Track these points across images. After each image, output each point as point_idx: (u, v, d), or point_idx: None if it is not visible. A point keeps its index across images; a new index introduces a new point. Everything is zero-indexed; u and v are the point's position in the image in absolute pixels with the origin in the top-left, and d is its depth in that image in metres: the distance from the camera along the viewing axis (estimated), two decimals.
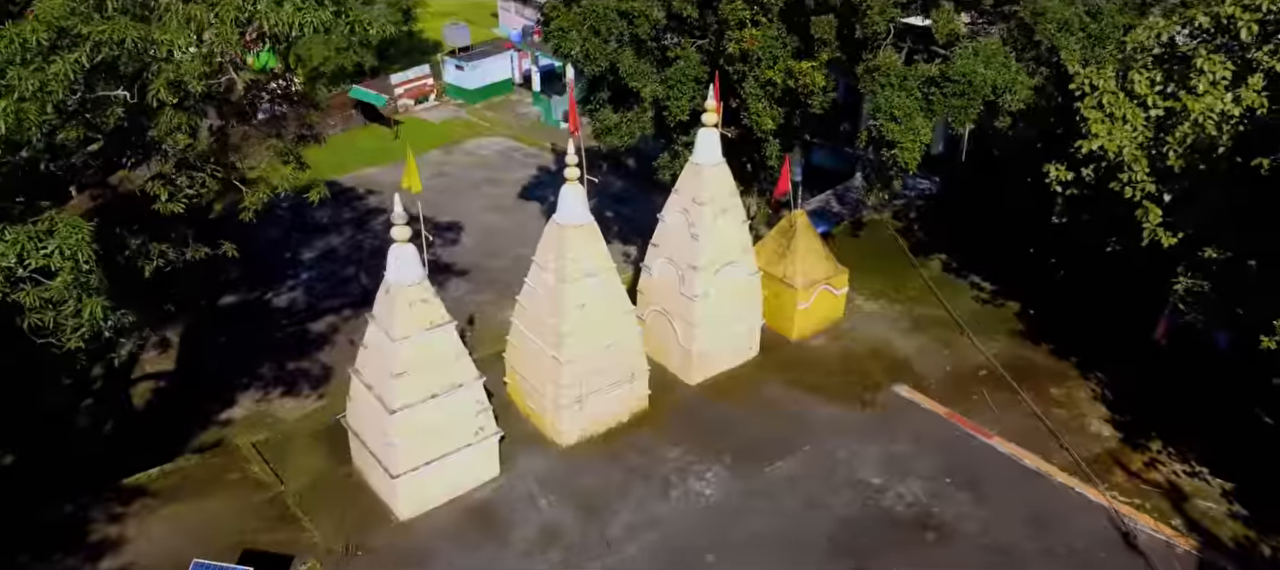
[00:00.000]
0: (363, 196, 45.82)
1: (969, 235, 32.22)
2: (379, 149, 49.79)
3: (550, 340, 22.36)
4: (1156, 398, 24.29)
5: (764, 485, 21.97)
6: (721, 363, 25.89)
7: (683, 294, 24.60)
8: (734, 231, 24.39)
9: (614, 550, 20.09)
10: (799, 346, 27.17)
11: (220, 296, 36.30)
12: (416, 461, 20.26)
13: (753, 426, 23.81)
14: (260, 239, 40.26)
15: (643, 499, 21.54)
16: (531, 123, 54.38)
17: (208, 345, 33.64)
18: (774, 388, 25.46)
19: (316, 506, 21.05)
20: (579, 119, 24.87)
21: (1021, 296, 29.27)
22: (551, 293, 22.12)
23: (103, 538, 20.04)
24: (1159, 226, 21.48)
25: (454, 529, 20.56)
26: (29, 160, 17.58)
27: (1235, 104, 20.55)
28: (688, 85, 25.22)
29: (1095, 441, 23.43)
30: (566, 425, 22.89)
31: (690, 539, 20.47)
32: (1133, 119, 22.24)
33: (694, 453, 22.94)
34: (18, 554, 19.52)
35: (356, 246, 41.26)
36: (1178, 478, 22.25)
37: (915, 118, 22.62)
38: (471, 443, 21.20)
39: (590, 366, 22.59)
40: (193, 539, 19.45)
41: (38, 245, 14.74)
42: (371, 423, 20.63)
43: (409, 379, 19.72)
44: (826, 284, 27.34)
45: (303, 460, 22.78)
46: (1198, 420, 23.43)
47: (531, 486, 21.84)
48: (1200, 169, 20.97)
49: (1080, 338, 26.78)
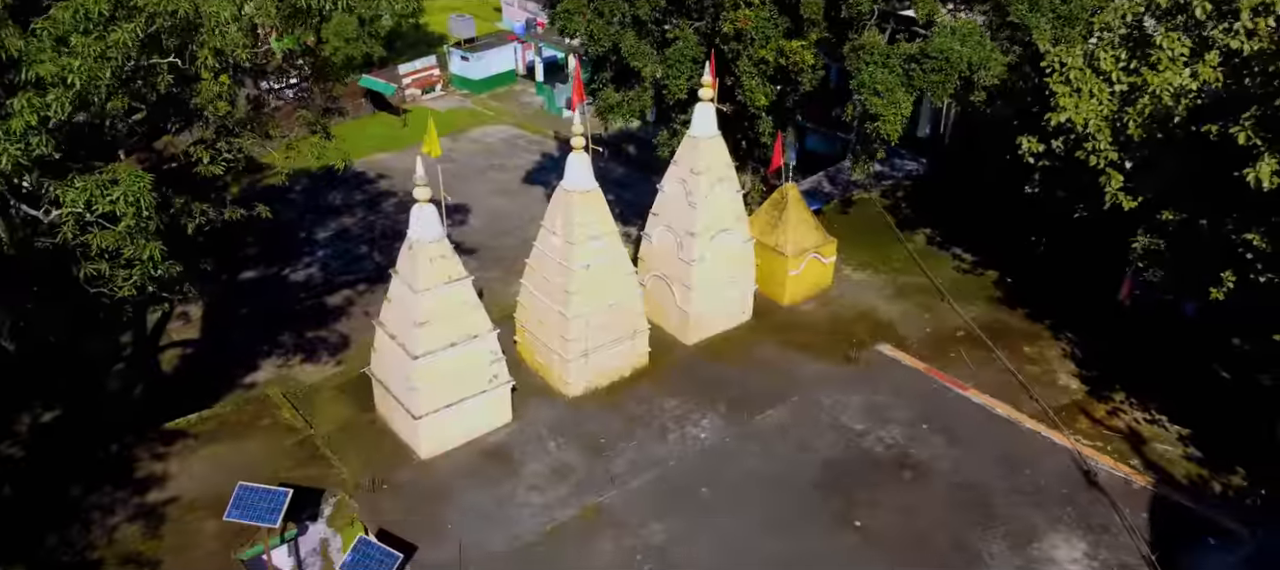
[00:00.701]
0: (374, 180, 47.64)
1: (952, 211, 34.06)
2: (388, 136, 51.51)
3: (558, 298, 24.16)
4: (1121, 354, 26.13)
5: (755, 431, 23.78)
6: (717, 325, 27.67)
7: (681, 259, 26.39)
8: (729, 200, 26.18)
9: (618, 485, 21.88)
10: (790, 311, 28.97)
11: (240, 272, 38.09)
12: (437, 404, 22.04)
13: (745, 380, 25.62)
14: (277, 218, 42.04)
15: (643, 442, 23.33)
16: (535, 111, 56.14)
17: (230, 316, 35.44)
18: (766, 347, 27.26)
19: (344, 448, 22.84)
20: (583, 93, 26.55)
21: (999, 266, 31.10)
22: (559, 254, 23.92)
23: (148, 474, 21.83)
24: (1120, 191, 23.37)
25: (471, 466, 22.35)
26: (87, 123, 19.32)
27: (1192, 78, 22.43)
28: (685, 65, 27.06)
29: (1063, 393, 25.26)
30: (573, 377, 24.69)
31: (687, 476, 22.27)
32: (1098, 93, 24.13)
33: (690, 403, 24.74)
34: (70, 487, 21.28)
35: (369, 227, 43.07)
36: (1138, 425, 24.09)
37: (897, 92, 24.46)
38: (486, 389, 22.99)
39: (595, 323, 24.38)
40: (231, 475, 21.15)
41: (104, 193, 16.51)
42: (395, 370, 22.43)
43: (430, 328, 21.52)
44: (816, 253, 29.15)
45: (329, 409, 24.58)
46: (1159, 375, 25.25)
47: (541, 431, 23.64)
48: (1158, 138, 22.80)
49: (1053, 301, 28.64)
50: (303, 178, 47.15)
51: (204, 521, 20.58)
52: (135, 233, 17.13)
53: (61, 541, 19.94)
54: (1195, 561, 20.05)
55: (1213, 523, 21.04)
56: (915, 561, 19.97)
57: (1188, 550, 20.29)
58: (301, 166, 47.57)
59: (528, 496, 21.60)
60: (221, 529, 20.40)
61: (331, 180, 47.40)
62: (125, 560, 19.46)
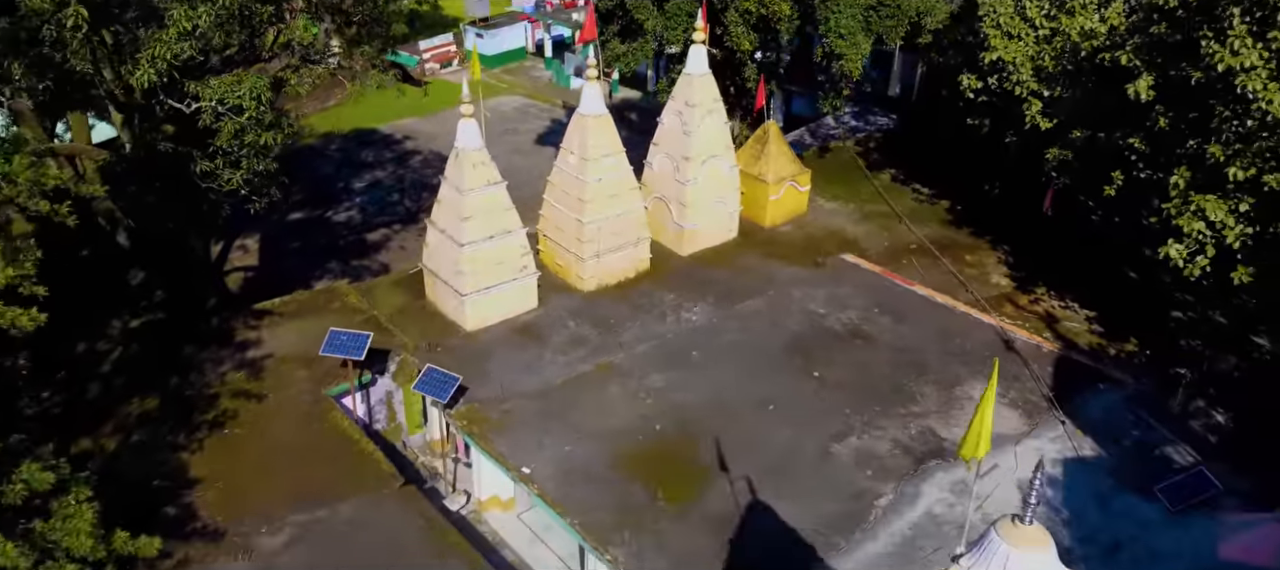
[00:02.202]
0: (401, 141, 52.89)
1: (915, 156, 39.21)
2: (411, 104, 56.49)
3: (575, 208, 29.24)
4: (1045, 257, 31.27)
5: (737, 314, 28.91)
6: (708, 240, 32.75)
7: (676, 180, 31.49)
8: (718, 130, 31.27)
9: (625, 349, 26.98)
10: (770, 231, 34.07)
11: (289, 214, 43.26)
12: (479, 285, 27.14)
13: (730, 280, 30.73)
14: (317, 172, 47.45)
15: (645, 322, 28.43)
16: (544, 83, 61.33)
17: (281, 249, 40.65)
18: (749, 257, 32.37)
19: (403, 323, 27.92)
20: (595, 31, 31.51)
21: (951, 197, 36.25)
22: (576, 170, 29.02)
23: (246, 339, 26.93)
24: (1039, 115, 28.53)
25: (506, 337, 27.44)
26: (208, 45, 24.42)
27: (1101, 22, 27.65)
28: (681, 18, 32.22)
29: (994, 288, 30.44)
30: (588, 274, 29.78)
31: (681, 345, 27.37)
32: (1025, 36, 29.35)
33: (684, 295, 29.84)
34: (183, 348, 26.38)
35: (399, 178, 48.36)
36: (1053, 309, 29.27)
37: (857, 35, 29.65)
38: (517, 277, 28.09)
39: (606, 229, 29.47)
40: (313, 341, 26.19)
41: (232, 89, 21.62)
42: (445, 258, 27.52)
43: (474, 221, 26.62)
44: (793, 181, 34.28)
45: (387, 297, 29.65)
46: (1075, 273, 30.39)
47: (562, 314, 28.73)
48: (1068, 70, 28.00)
49: (993, 220, 33.79)
50: (336, 138, 52.48)
51: (296, 370, 25.71)
52: (254, 123, 22.21)
53: (183, 382, 25.04)
54: (1086, 400, 25.20)
55: (1104, 374, 26.23)
56: (861, 399, 25.11)
57: (1081, 393, 25.45)
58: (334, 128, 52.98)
59: (553, 357, 26.69)
60: (311, 374, 25.58)
61: (362, 140, 52.72)
62: (236, 394, 24.57)
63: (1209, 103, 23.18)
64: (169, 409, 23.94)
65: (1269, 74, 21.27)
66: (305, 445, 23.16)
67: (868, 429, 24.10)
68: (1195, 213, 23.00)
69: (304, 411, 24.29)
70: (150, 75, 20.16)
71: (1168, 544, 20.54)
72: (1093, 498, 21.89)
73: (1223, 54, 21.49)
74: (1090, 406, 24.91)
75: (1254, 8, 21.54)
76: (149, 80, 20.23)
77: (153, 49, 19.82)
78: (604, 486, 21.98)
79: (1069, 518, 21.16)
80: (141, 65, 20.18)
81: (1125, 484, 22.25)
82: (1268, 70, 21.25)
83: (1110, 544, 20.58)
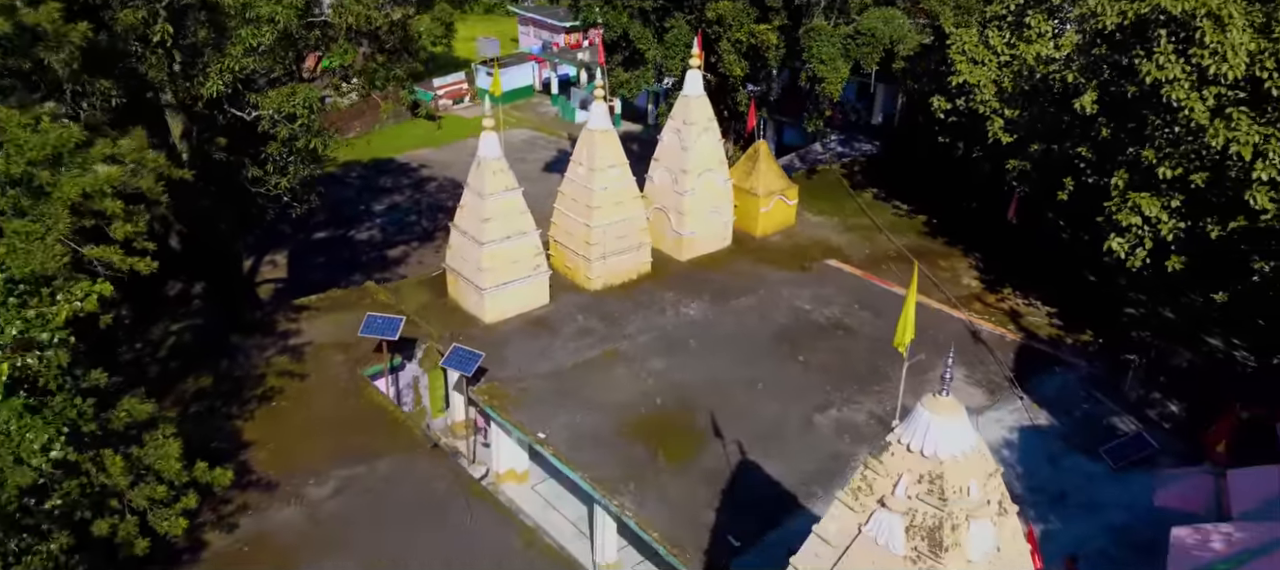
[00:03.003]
0: (416, 169, 56.23)
1: (896, 177, 42.41)
2: (426, 136, 60.00)
3: (583, 214, 32.31)
4: (1011, 261, 34.30)
5: (730, 309, 31.88)
6: (704, 247, 35.80)
7: (675, 191, 34.60)
8: (712, 147, 34.44)
9: (629, 339, 29.92)
10: (761, 240, 37.13)
11: (313, 234, 46.42)
12: (498, 281, 30.12)
13: (725, 281, 33.73)
14: (339, 196, 50.67)
15: (647, 316, 31.38)
16: (551, 118, 64.81)
17: (308, 264, 43.71)
18: (742, 262, 35.40)
19: (428, 317, 30.84)
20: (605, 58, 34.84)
21: (928, 212, 39.36)
22: (584, 179, 32.13)
23: (286, 329, 29.86)
24: (1001, 130, 31.71)
25: (522, 329, 30.37)
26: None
27: (1057, 49, 30.91)
28: (680, 48, 35.53)
29: (965, 289, 33.45)
30: (595, 274, 32.78)
31: (679, 335, 30.31)
32: (988, 62, 32.61)
33: (683, 294, 32.81)
34: (230, 336, 29.30)
35: (416, 202, 51.59)
36: (1017, 306, 32.27)
37: (837, 60, 32.94)
38: (531, 275, 31.09)
39: (611, 233, 32.51)
40: (348, 331, 29.12)
41: (288, 99, 24.78)
42: (467, 257, 30.52)
43: (493, 223, 29.66)
44: (782, 195, 37.42)
45: (413, 295, 32.61)
46: (1039, 274, 33.40)
47: (572, 309, 31.68)
48: (1025, 90, 31.24)
49: (964, 230, 36.87)
50: (356, 167, 55.76)
51: (334, 355, 28.64)
52: (304, 129, 25.35)
53: (232, 364, 27.94)
54: (1043, 380, 28.10)
55: (1060, 359, 29.16)
56: (841, 379, 28.01)
57: (1039, 374, 28.36)
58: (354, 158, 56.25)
59: (564, 345, 29.62)
60: (347, 358, 28.51)
61: (380, 169, 56.05)
62: (280, 374, 27.45)
63: (1143, 113, 26.35)
64: (221, 385, 26.82)
65: (1190, 85, 24.43)
66: (344, 415, 26.03)
67: (846, 403, 26.98)
68: (1132, 209, 26.10)
69: (342, 388, 27.19)
70: (219, 85, 23.29)
71: (1108, 495, 23.35)
72: (1044, 458, 24.74)
73: (1150, 69, 24.66)
74: (1046, 385, 27.82)
75: (1178, 29, 24.74)
76: (217, 90, 23.34)
77: (222, 62, 22.96)
78: (611, 448, 24.82)
79: (1021, 472, 24.00)
80: (211, 77, 23.33)
81: (1074, 447, 25.11)
82: (1189, 82, 24.40)
83: (1057, 493, 23.41)
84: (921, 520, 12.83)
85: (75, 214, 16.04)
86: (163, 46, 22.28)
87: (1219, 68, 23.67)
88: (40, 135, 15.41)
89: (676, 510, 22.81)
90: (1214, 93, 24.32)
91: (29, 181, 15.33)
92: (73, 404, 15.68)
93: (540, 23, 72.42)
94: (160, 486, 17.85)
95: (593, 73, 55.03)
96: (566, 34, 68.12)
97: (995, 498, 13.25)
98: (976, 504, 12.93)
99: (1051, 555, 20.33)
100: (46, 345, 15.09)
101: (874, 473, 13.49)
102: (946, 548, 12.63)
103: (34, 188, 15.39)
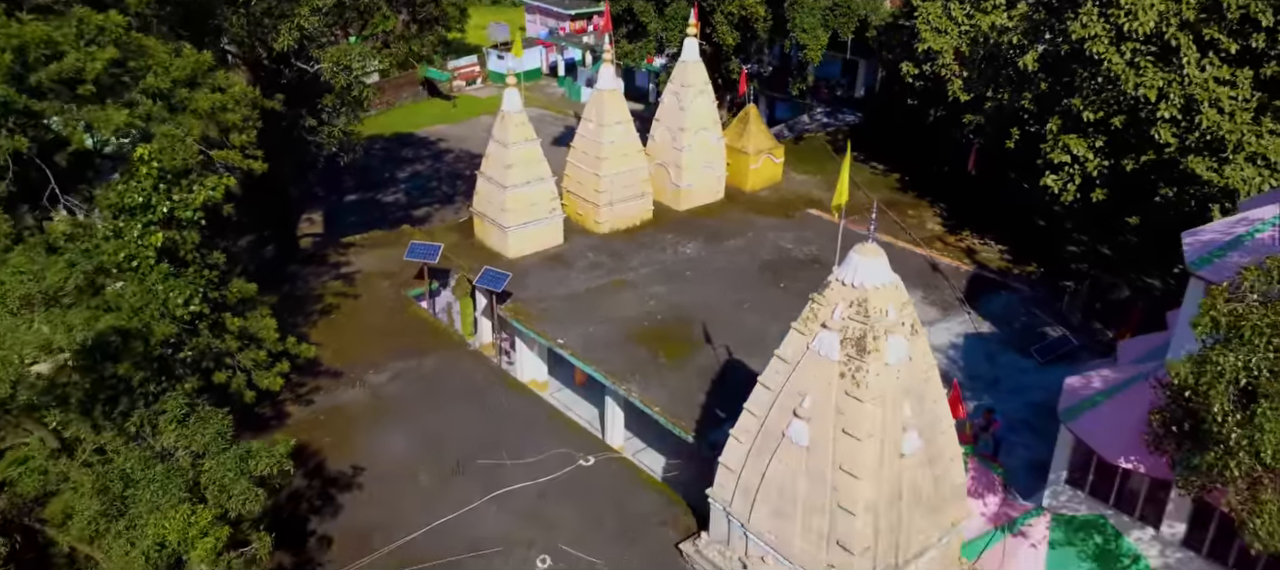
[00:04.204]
0: (435, 142, 60.71)
1: (874, 143, 46.95)
2: (442, 114, 64.57)
3: (593, 165, 36.83)
4: (970, 208, 38.88)
5: (722, 248, 36.44)
6: (701, 198, 40.33)
7: (674, 148, 39.13)
8: (707, 107, 38.97)
9: (633, 271, 34.47)
10: (751, 194, 41.67)
11: (344, 196, 50.95)
12: (519, 221, 34.65)
13: (718, 226, 38.29)
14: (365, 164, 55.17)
15: (649, 253, 35.93)
16: (558, 98, 69.29)
17: (342, 221, 48.23)
18: (733, 212, 39.96)
19: (459, 253, 35.38)
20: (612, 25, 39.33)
21: (901, 171, 43.93)
22: (594, 134, 36.66)
23: (336, 261, 34.46)
24: (960, 90, 36.27)
25: (540, 263, 34.90)
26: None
27: (1009, 19, 35.41)
28: (678, 21, 40.10)
29: (928, 231, 38.03)
30: (603, 218, 37.32)
31: (678, 268, 34.86)
32: (950, 31, 37.14)
33: (680, 236, 37.36)
34: (288, 265, 33.89)
35: (436, 171, 56.08)
36: (973, 245, 36.84)
37: (817, 29, 37.51)
38: (547, 217, 35.61)
39: (617, 182, 37.03)
40: (391, 262, 33.67)
41: (346, 53, 29.33)
42: (492, 199, 35.05)
43: (515, 169, 34.19)
44: (769, 154, 41.97)
45: (444, 236, 37.08)
46: (995, 218, 37.98)
47: (583, 248, 36.22)
48: (981, 54, 35.80)
49: (931, 184, 41.45)
50: (379, 140, 60.31)
51: (380, 280, 33.23)
52: (358, 82, 29.89)
53: (292, 286, 32.51)
54: (990, 300, 32.67)
55: (1006, 285, 33.72)
56: None
57: (986, 296, 32.92)
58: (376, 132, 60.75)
59: (577, 275, 34.16)
60: (392, 283, 33.09)
61: (402, 142, 60.59)
62: (336, 294, 32.04)
63: (1073, 67, 30.89)
64: (285, 304, 31.37)
65: (1109, 41, 28.96)
66: (393, 325, 30.63)
67: None
68: (1063, 149, 30.65)
69: (390, 305, 31.80)
70: (289, 41, 27.85)
71: (1033, 381, 27.92)
72: (984, 356, 29.32)
73: (1077, 27, 29.20)
74: (992, 304, 32.41)
75: None
76: (288, 44, 27.90)
77: (294, 20, 27.53)
78: (619, 350, 29.35)
79: (963, 366, 28.57)
80: (282, 32, 27.88)
81: (1009, 347, 29.72)
82: (1108, 38, 28.93)
83: (992, 380, 28.02)
84: (851, 334, 17.46)
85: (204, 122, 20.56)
86: (245, 5, 26.78)
87: (1132, 25, 28.15)
88: (182, 60, 19.93)
89: (674, 395, 27.34)
90: (1130, 48, 28.83)
91: (171, 96, 19.83)
92: (202, 274, 20.23)
93: (546, 11, 76.91)
94: (261, 351, 22.37)
95: (597, 55, 59.59)
96: (571, 21, 72.64)
97: (908, 320, 17.89)
98: (893, 323, 17.56)
99: (977, 414, 24.92)
100: (185, 224, 19.64)
101: (818, 305, 18.12)
102: (869, 352, 17.25)
103: (175, 102, 19.90)
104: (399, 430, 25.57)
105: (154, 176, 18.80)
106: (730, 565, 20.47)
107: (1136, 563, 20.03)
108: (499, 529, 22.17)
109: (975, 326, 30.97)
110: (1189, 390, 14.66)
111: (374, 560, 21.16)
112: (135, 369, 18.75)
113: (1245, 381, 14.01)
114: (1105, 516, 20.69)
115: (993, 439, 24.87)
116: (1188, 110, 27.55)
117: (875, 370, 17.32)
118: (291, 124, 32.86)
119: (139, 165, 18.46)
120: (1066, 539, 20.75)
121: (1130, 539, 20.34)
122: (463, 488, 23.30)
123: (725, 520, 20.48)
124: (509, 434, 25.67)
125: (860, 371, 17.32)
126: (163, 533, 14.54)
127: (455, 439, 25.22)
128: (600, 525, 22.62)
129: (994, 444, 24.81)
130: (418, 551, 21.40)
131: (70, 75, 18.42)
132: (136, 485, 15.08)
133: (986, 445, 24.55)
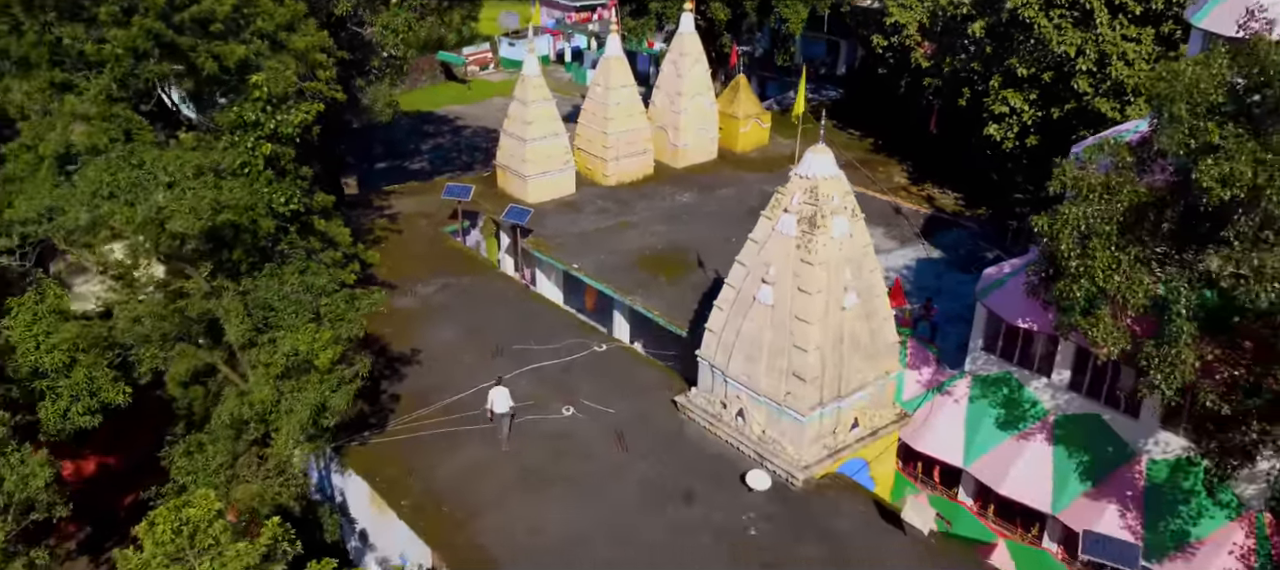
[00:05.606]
0: (453, 120, 66.14)
1: (854, 114, 52.45)
2: (457, 96, 70.00)
3: (600, 123, 42.22)
4: (932, 164, 44.30)
5: (713, 197, 41.84)
6: (696, 157, 45.70)
7: (672, 111, 44.52)
8: (702, 75, 44.36)
9: (637, 214, 39.87)
10: (741, 155, 47.08)
11: (374, 164, 56.36)
12: (538, 170, 40.03)
13: (711, 180, 43.69)
14: (390, 137, 60.59)
15: (649, 201, 41.32)
16: (565, 82, 74.62)
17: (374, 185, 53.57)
18: (725, 169, 45.36)
19: (484, 200, 40.78)
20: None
21: (875, 135, 49.38)
22: (602, 96, 42.06)
23: (380, 205, 39.88)
24: (921, 57, 41.72)
25: (556, 208, 40.29)
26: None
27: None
28: (677, 1, 45.53)
29: (894, 184, 43.46)
30: (609, 172, 42.70)
31: (673, 211, 40.26)
32: (915, 7, 42.59)
33: (678, 188, 42.75)
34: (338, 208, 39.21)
35: (456, 143, 61.52)
36: (933, 194, 42.26)
37: (797, 4, 42.89)
38: (562, 169, 41.01)
39: (623, 138, 42.42)
40: (428, 206, 39.00)
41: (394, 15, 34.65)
42: (514, 152, 40.42)
43: (534, 125, 39.58)
44: (757, 119, 47.40)
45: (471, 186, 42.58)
46: (952, 171, 43.40)
47: (592, 197, 41.62)
48: (939, 27, 41.26)
49: (900, 144, 46.90)
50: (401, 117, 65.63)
51: (419, 220, 38.65)
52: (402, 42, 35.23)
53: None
54: (942, 235, 38.09)
55: (958, 224, 39.14)
56: None
57: (939, 231, 38.34)
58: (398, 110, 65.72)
59: (588, 218, 39.55)
60: (430, 223, 38.50)
61: (423, 120, 66.05)
62: (382, 229, 37.45)
63: (1011, 32, 36.32)
64: None
65: (1038, 6, 34.36)
66: (434, 253, 36.06)
67: None
68: (1002, 102, 36.07)
69: (429, 239, 37.23)
70: (347, 6, 33.23)
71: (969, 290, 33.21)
72: (932, 274, 34.77)
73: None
74: (943, 238, 37.86)
75: None
76: (345, 10, 33.28)
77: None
78: (625, 272, 34.72)
79: (913, 280, 33.97)
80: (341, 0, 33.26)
81: (953, 268, 35.11)
82: (1038, 4, 34.33)
83: (935, 290, 33.43)
84: (805, 214, 22.80)
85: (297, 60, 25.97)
86: None
87: None
88: (284, 8, 25.33)
89: (671, 304, 32.73)
90: (1057, 13, 34.23)
91: (274, 36, 25.25)
92: (297, 182, 25.60)
93: (553, 3, 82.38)
94: (337, 252, 27.65)
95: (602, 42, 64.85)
96: (577, 11, 78.12)
97: (850, 206, 23.31)
98: (837, 206, 22.95)
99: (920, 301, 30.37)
100: (285, 140, 25.02)
101: (781, 196, 23.49)
102: (818, 227, 22.61)
103: (277, 41, 25.31)
104: (446, 325, 30.99)
105: (264, 99, 24.18)
106: (714, 407, 25.85)
107: (1035, 406, 25.43)
108: (531, 390, 27.53)
109: (928, 253, 36.38)
110: (1047, 236, 20.05)
111: (433, 409, 26.56)
112: (246, 256, 24.24)
113: (1084, 226, 19.40)
114: (1011, 372, 26.09)
115: (931, 325, 30.29)
116: (1101, 63, 32.98)
117: (823, 242, 22.72)
118: (343, 83, 38.24)
119: (253, 90, 23.85)
120: (982, 394, 26.16)
121: (1030, 388, 25.74)
122: (501, 364, 28.65)
123: (710, 373, 25.87)
124: (536, 329, 31.04)
125: (811, 242, 22.72)
126: (296, 343, 19.92)
127: (493, 331, 30.61)
128: (613, 388, 27.97)
129: (931, 329, 30.24)
130: (466, 405, 26.77)
131: (204, 16, 23.79)
132: (275, 312, 20.46)
133: (925, 330, 29.97)
